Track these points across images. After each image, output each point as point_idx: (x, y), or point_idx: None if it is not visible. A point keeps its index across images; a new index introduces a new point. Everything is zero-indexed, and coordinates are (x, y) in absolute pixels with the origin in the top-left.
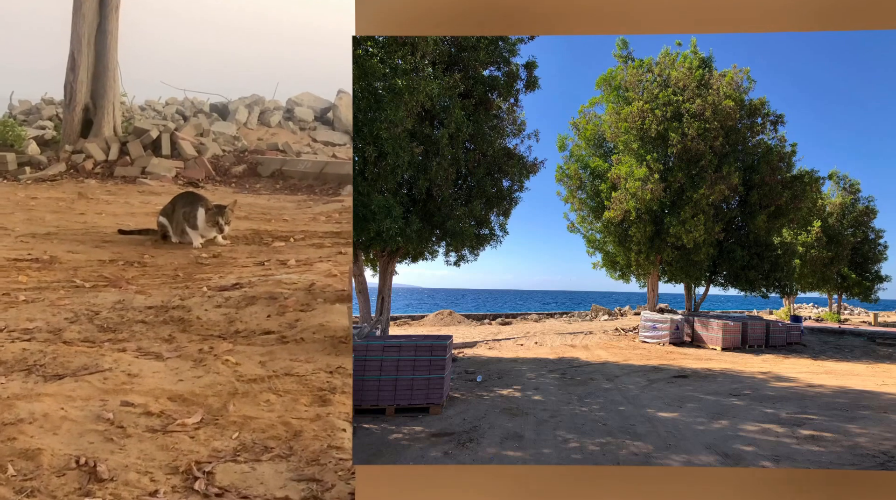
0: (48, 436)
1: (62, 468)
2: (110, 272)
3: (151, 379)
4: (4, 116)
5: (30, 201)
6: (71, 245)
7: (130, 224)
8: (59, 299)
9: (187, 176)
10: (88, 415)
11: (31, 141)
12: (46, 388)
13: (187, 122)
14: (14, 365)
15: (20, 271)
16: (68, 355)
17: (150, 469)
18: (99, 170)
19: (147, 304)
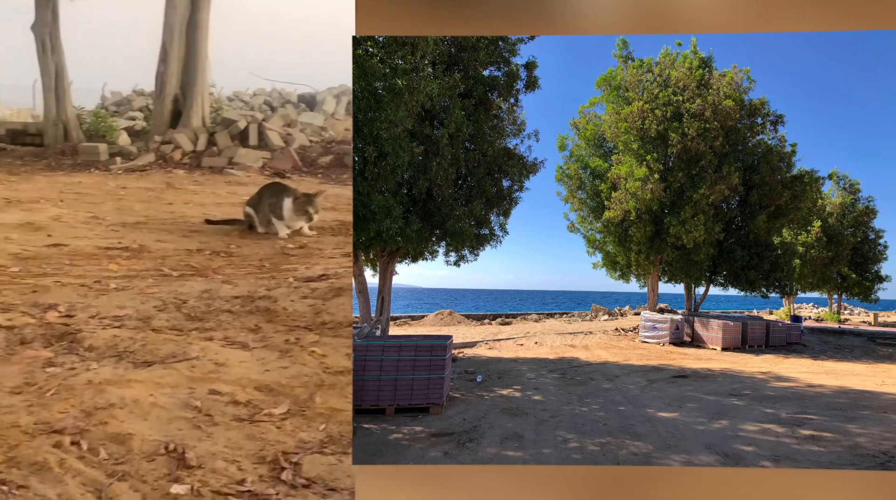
0: (138, 421)
1: (152, 453)
2: (197, 262)
3: (238, 368)
4: (97, 107)
5: (120, 191)
6: (159, 234)
7: (217, 214)
8: (147, 287)
9: (274, 167)
10: (177, 402)
11: (121, 131)
12: (136, 374)
13: (275, 112)
14: (105, 351)
15: (111, 259)
16: (157, 343)
17: (237, 458)
18: (187, 160)
19: (233, 294)
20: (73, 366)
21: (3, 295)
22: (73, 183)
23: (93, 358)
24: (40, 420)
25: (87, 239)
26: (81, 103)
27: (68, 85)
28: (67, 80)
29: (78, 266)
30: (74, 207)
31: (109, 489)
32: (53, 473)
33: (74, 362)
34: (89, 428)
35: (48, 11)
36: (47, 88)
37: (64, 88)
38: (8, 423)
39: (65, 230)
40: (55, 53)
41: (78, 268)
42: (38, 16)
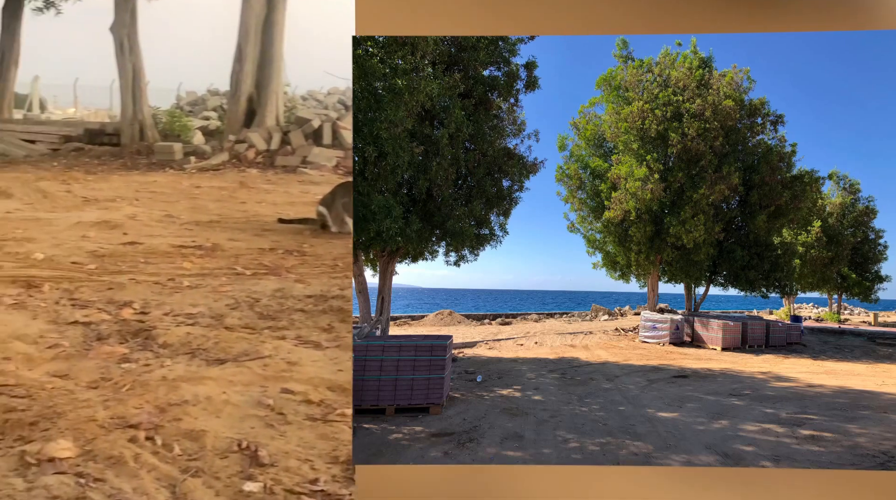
0: (211, 419)
1: (225, 450)
2: (270, 260)
3: (310, 368)
4: (172, 107)
5: (194, 190)
6: (232, 233)
7: (290, 213)
8: (220, 285)
9: (347, 166)
10: (249, 400)
11: (196, 131)
12: (209, 372)
13: (349, 111)
14: (179, 348)
15: (184, 257)
16: (230, 341)
17: (310, 457)
18: (260, 159)
19: (306, 293)
20: (148, 362)
21: (80, 292)
22: (149, 182)
23: (167, 355)
24: (116, 415)
25: (162, 237)
26: (157, 103)
27: (145, 85)
28: (144, 81)
29: (152, 264)
30: (149, 205)
31: (183, 485)
32: (129, 467)
33: (149, 359)
34: (163, 424)
35: (127, 13)
36: (124, 89)
37: (141, 89)
38: (85, 417)
39: (140, 229)
40: (133, 54)
41: (152, 266)
42: (116, 17)
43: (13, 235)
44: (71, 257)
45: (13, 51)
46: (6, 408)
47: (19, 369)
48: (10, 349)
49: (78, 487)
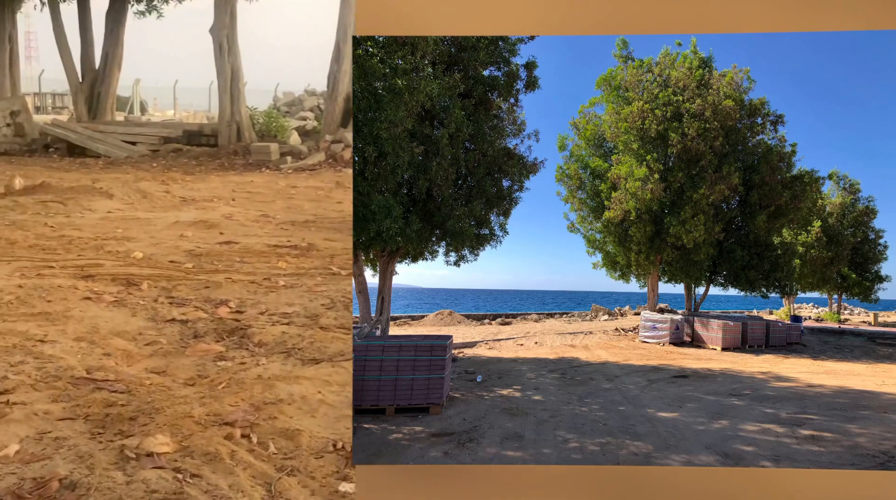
0: (306, 418)
1: (320, 450)
2: None
3: None
4: (269, 108)
5: (290, 190)
6: (328, 233)
7: None
8: (315, 285)
9: None
10: (344, 401)
11: (292, 131)
12: (304, 371)
13: None
14: (274, 347)
15: (280, 257)
16: (325, 341)
17: None
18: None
19: None
20: (243, 361)
21: (178, 290)
22: (245, 182)
23: (262, 354)
24: (212, 412)
25: (258, 237)
26: (255, 104)
27: (243, 86)
28: (242, 82)
29: (248, 263)
30: (246, 205)
31: (278, 483)
32: (225, 464)
33: (244, 357)
34: (259, 422)
35: (226, 14)
36: (223, 90)
37: (239, 89)
38: (182, 413)
39: (236, 228)
40: (231, 55)
41: (248, 265)
42: (216, 18)
43: (114, 235)
44: (169, 256)
45: (116, 54)
46: (107, 403)
47: (119, 364)
48: (111, 346)
49: (175, 482)
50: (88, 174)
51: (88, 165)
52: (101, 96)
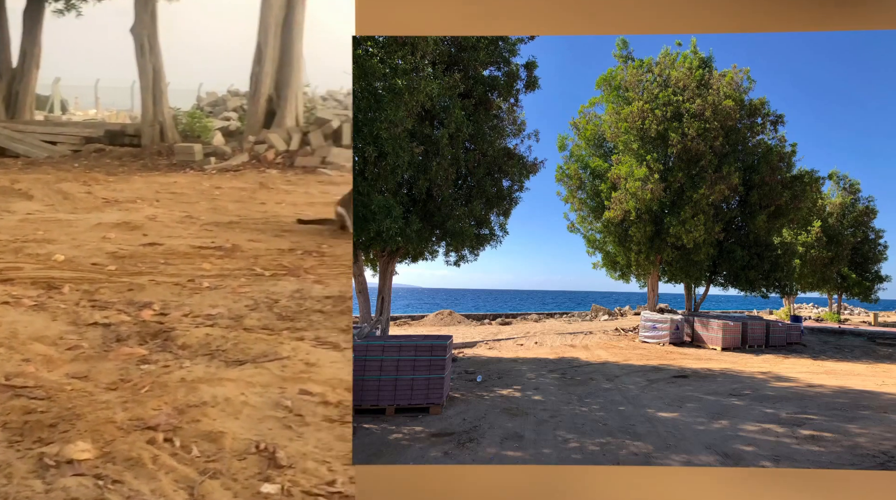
0: (230, 420)
1: (243, 451)
2: (289, 261)
3: (329, 369)
4: (192, 108)
5: (214, 191)
6: (252, 234)
7: (310, 214)
8: (240, 286)
9: None
10: (268, 402)
11: (216, 132)
12: (228, 373)
13: None
14: (198, 350)
15: (204, 258)
16: (248, 342)
17: (327, 459)
18: (280, 160)
19: (325, 294)
20: (167, 364)
21: (100, 293)
22: (169, 183)
23: (186, 356)
24: (135, 417)
25: (182, 238)
26: (178, 104)
27: (165, 86)
28: (164, 82)
29: (172, 265)
30: (169, 206)
31: (201, 487)
32: (147, 469)
33: (168, 360)
34: (182, 425)
35: (147, 14)
36: (145, 90)
37: (161, 90)
38: (104, 419)
39: (160, 230)
40: (153, 55)
41: (172, 267)
42: (137, 18)
43: (34, 237)
44: (91, 258)
45: (34, 53)
46: (26, 410)
47: (39, 370)
48: (30, 351)
49: (96, 489)
50: (7, 175)
51: (7, 165)
52: (20, 95)
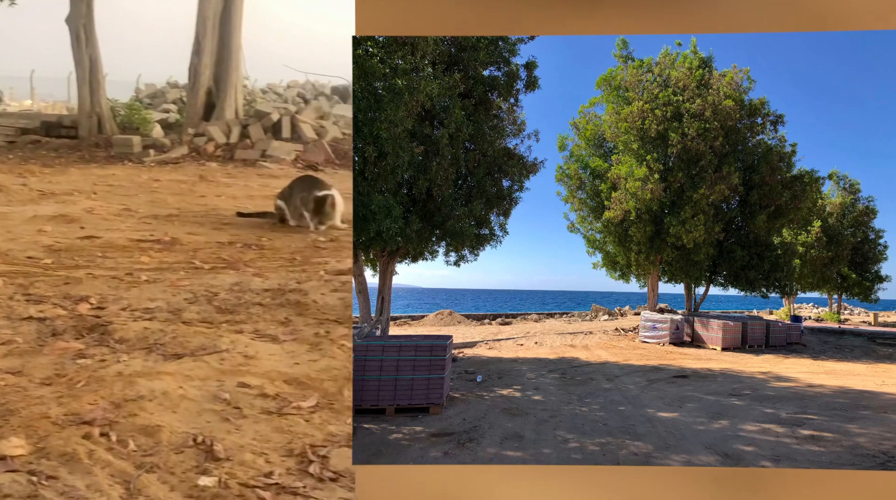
0: (167, 414)
1: (180, 445)
2: (228, 254)
3: (267, 361)
4: (131, 100)
5: (153, 183)
6: (191, 227)
7: (249, 207)
8: (178, 279)
9: (307, 159)
10: (206, 395)
11: (155, 124)
12: (166, 366)
13: (308, 105)
14: (136, 343)
15: (143, 251)
16: (187, 335)
17: (265, 451)
18: (220, 153)
19: (264, 287)
20: (104, 358)
21: (35, 287)
22: (107, 175)
23: (123, 350)
24: (70, 412)
25: (120, 231)
26: (116, 96)
27: (103, 77)
28: (102, 73)
29: (110, 258)
30: (107, 199)
31: (138, 481)
32: (83, 464)
33: (105, 354)
34: (119, 420)
35: (83, 3)
36: (82, 81)
37: (98, 81)
38: (38, 414)
39: (97, 222)
40: (90, 45)
41: (110, 260)
42: (72, 8)
43: None
44: (26, 251)
45: None
46: None
47: None
48: None
49: (30, 485)
50: None
51: None
52: None
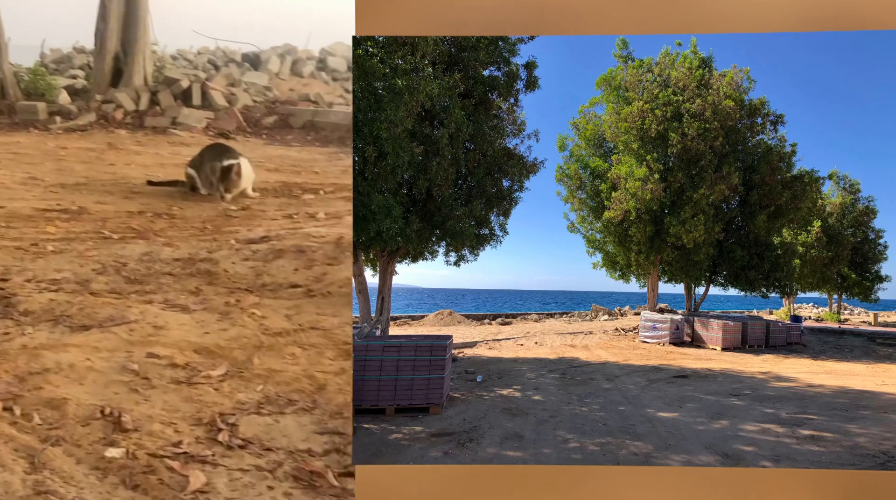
0: (74, 386)
1: (87, 417)
2: (138, 224)
3: (177, 331)
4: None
5: (60, 151)
6: (100, 196)
7: (160, 175)
8: (86, 250)
9: (218, 127)
10: (114, 366)
11: (61, 90)
12: (73, 338)
13: (219, 71)
14: (41, 315)
15: (49, 221)
16: (95, 307)
17: (174, 420)
18: (129, 120)
19: (174, 256)
20: (7, 331)
21: None
22: (11, 143)
23: (28, 322)
24: None
25: (25, 201)
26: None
27: (5, 42)
28: (4, 37)
29: (14, 229)
30: (11, 167)
31: (43, 455)
32: None
33: (9, 327)
34: (23, 393)
35: None
36: None
37: (0, 45)
38: None
39: (1, 192)
40: None
41: (14, 230)
42: None
43: None
44: None
45: None
46: None
47: None
48: None
49: None
50: None
51: None
52: None
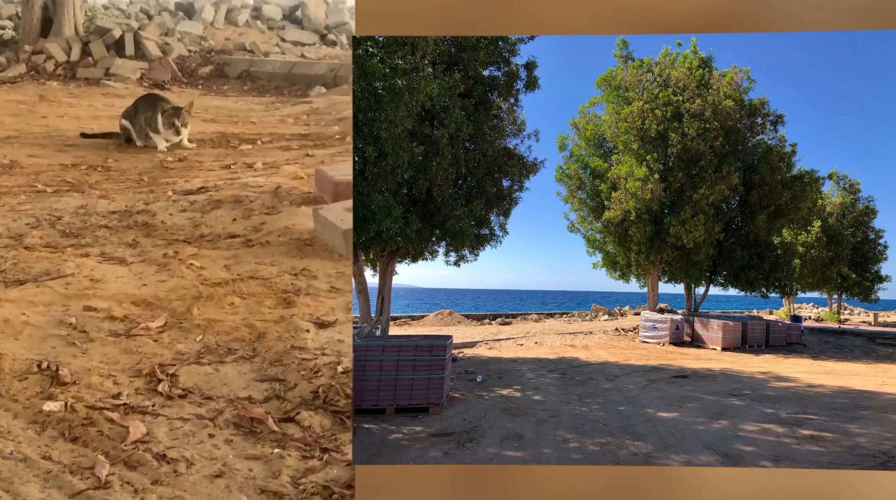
0: (9, 341)
1: (24, 372)
2: (73, 177)
3: (115, 284)
4: None
5: None
6: (32, 149)
7: (94, 127)
8: (19, 204)
9: (152, 77)
10: (51, 320)
11: None
12: (7, 294)
13: (151, 21)
14: None
15: None
16: (30, 261)
17: (113, 373)
18: (61, 71)
19: (110, 208)
20: None
21: None
22: None
23: None
24: None
25: None
26: None
27: None
28: None
29: None
30: None
31: None
32: None
33: None
34: None
35: None
36: None
37: None
38: None
39: None
40: None
41: None
42: None
43: None
44: None
45: None
46: None
47: None
48: None
49: None
50: None
51: None
52: None
